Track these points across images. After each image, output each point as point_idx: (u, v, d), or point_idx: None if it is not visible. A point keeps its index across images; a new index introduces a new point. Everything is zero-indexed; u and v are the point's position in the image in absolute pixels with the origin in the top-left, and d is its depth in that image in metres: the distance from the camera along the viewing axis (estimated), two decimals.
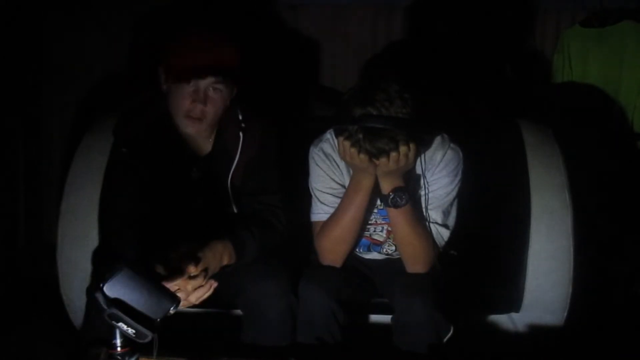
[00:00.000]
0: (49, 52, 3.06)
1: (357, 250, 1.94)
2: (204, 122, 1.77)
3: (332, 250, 1.84)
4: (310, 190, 1.88)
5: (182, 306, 1.55)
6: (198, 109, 1.74)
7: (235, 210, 1.88)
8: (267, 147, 1.87)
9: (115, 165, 1.89)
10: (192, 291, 1.56)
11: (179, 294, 1.48)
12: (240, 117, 1.85)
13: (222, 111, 1.80)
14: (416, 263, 1.81)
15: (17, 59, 2.94)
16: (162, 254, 1.57)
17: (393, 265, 1.89)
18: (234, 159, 1.84)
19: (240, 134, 1.84)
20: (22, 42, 2.95)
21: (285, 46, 2.96)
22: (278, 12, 2.97)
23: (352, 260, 1.91)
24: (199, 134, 1.82)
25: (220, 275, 1.67)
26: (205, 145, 1.87)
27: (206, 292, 1.58)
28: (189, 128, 1.78)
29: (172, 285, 1.50)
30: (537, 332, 1.97)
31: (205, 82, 1.73)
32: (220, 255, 1.66)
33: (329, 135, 1.86)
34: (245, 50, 1.81)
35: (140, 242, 1.67)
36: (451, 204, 1.84)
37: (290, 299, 1.73)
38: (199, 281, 1.57)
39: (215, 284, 1.59)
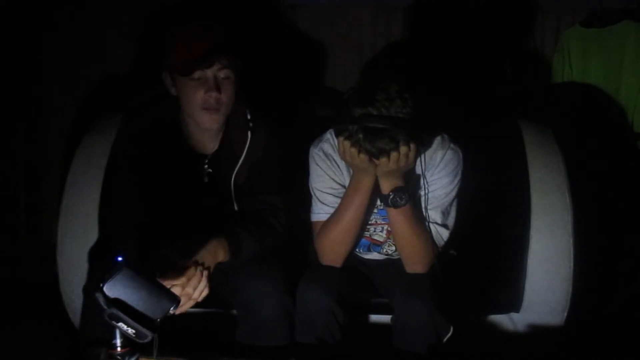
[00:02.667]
0: (49, 52, 3.06)
1: (357, 250, 1.94)
2: (221, 111, 1.78)
3: (332, 250, 1.84)
4: (310, 190, 1.88)
5: (187, 306, 1.56)
6: (213, 98, 1.75)
7: (236, 209, 1.88)
8: (273, 148, 1.87)
9: (118, 160, 1.89)
10: (187, 283, 1.56)
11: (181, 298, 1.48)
12: (249, 117, 1.85)
13: (233, 101, 1.81)
14: (416, 263, 1.81)
15: (17, 59, 2.94)
16: (158, 251, 1.57)
17: (393, 266, 1.90)
18: (239, 159, 1.84)
19: (249, 134, 1.84)
20: (22, 42, 2.95)
21: (285, 46, 2.95)
22: (278, 12, 2.97)
23: (352, 260, 1.91)
24: (216, 128, 1.82)
25: (218, 275, 1.67)
26: (211, 143, 1.87)
27: (198, 284, 1.58)
28: (207, 122, 1.78)
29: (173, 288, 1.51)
30: (537, 332, 1.97)
31: (212, 70, 1.74)
32: (214, 250, 1.66)
33: (329, 135, 1.86)
34: (245, 39, 1.82)
35: (141, 240, 1.67)
36: (451, 204, 1.84)
37: (285, 299, 1.73)
38: (195, 278, 1.57)
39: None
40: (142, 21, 2.92)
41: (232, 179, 1.85)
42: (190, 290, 1.57)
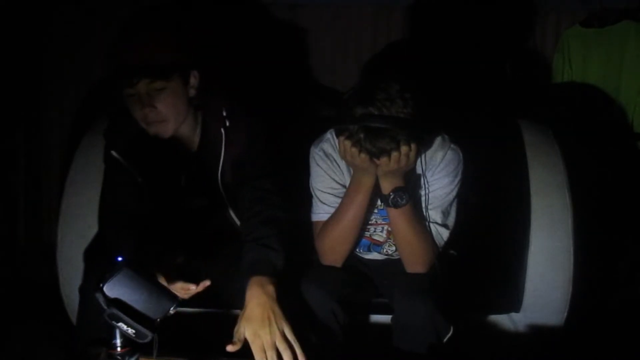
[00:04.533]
0: (49, 52, 3.06)
1: (357, 250, 1.94)
2: (168, 122, 1.74)
3: (332, 250, 1.84)
4: (311, 190, 1.88)
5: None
6: (149, 113, 1.71)
7: (230, 210, 1.87)
8: (255, 144, 1.82)
9: (107, 167, 1.88)
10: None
11: None
12: (224, 114, 1.82)
13: (186, 106, 1.76)
14: (416, 263, 1.81)
15: (17, 59, 2.94)
16: (157, 266, 1.56)
17: (393, 266, 1.89)
18: (220, 157, 1.82)
19: (222, 131, 1.80)
20: (22, 42, 2.95)
21: (285, 46, 2.96)
22: (278, 12, 2.97)
23: (352, 260, 1.91)
24: (171, 134, 1.78)
25: (221, 276, 1.66)
26: (191, 144, 1.86)
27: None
28: (157, 133, 1.75)
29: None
30: (537, 332, 1.97)
31: (142, 85, 1.68)
32: (265, 295, 1.53)
33: (330, 135, 1.86)
34: (190, 34, 1.77)
35: (137, 242, 1.66)
36: (451, 204, 1.84)
37: (292, 300, 1.72)
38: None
39: (207, 283, 1.58)
40: (142, 21, 2.92)
41: (219, 178, 1.84)
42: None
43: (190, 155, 1.86)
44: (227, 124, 1.81)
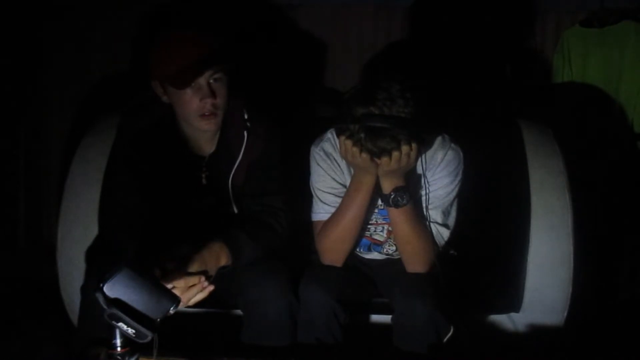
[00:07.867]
0: (48, 52, 3.06)
1: (357, 250, 1.94)
2: (219, 115, 1.77)
3: (332, 249, 1.84)
4: (311, 189, 1.88)
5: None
6: (209, 104, 1.74)
7: (235, 211, 1.88)
8: (271, 149, 1.86)
9: (117, 162, 1.88)
10: (186, 289, 1.53)
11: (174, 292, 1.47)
12: (246, 117, 1.85)
13: (227, 100, 1.80)
14: (416, 263, 1.81)
15: (17, 59, 2.94)
16: (159, 255, 1.56)
17: (393, 266, 1.90)
18: (236, 159, 1.83)
19: (245, 134, 1.83)
20: (21, 42, 2.95)
21: (285, 46, 2.96)
22: (278, 12, 2.97)
23: (352, 260, 1.91)
24: (216, 129, 1.81)
25: (220, 276, 1.67)
26: (209, 145, 1.86)
27: (199, 292, 1.54)
28: (206, 126, 1.77)
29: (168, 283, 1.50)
30: (537, 332, 1.97)
31: (205, 77, 1.73)
32: (217, 255, 1.65)
33: (330, 134, 1.86)
34: (236, 39, 1.79)
35: (140, 241, 1.66)
36: (451, 204, 1.84)
37: (290, 299, 1.73)
38: (193, 279, 1.55)
39: (211, 288, 1.56)
40: (141, 21, 2.93)
41: (230, 180, 1.84)
42: (185, 300, 1.53)
43: (205, 155, 1.87)
44: (249, 126, 1.83)
